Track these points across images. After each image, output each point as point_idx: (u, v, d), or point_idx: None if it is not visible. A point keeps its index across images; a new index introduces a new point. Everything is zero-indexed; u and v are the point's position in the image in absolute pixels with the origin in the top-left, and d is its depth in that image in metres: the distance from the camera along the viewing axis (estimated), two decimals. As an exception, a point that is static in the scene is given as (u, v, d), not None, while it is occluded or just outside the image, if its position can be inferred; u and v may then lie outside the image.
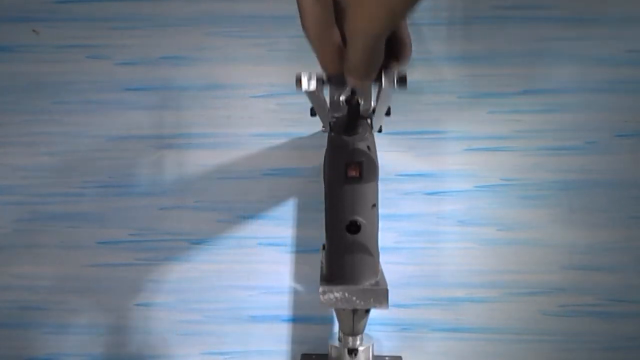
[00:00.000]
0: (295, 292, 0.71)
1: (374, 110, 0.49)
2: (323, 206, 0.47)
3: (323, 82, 0.40)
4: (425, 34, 0.67)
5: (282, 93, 0.69)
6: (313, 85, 0.39)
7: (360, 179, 0.46)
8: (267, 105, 0.69)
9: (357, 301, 0.47)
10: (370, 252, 0.47)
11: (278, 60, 0.69)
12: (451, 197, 0.69)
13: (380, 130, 0.59)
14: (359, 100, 0.44)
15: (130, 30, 0.68)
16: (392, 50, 0.41)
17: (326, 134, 0.49)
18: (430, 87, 0.68)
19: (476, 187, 0.69)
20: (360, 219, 0.46)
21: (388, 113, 0.53)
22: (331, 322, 0.71)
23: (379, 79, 0.40)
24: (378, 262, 0.49)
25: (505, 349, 0.71)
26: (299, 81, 0.40)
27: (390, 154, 0.68)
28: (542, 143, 0.68)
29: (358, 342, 0.54)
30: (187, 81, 0.68)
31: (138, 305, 0.72)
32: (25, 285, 0.71)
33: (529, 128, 0.68)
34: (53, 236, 0.71)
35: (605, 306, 0.70)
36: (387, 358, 0.67)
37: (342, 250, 0.47)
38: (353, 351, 0.54)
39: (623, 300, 0.70)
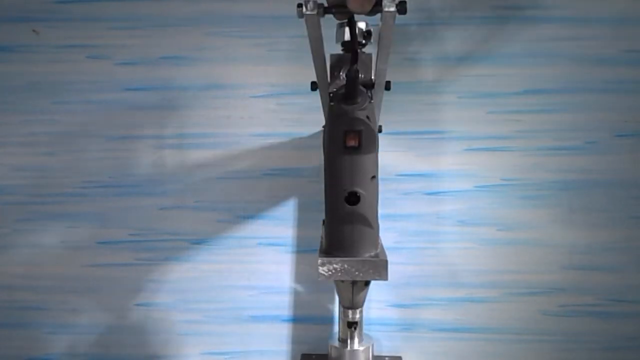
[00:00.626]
0: (295, 292, 0.71)
1: (373, 84, 0.49)
2: (323, 207, 0.47)
3: (324, 10, 0.40)
4: (426, 34, 0.67)
5: (282, 93, 0.69)
6: (312, 7, 0.40)
7: (359, 148, 0.45)
8: (267, 105, 0.69)
9: (356, 273, 0.46)
10: (369, 223, 0.46)
11: (278, 60, 0.68)
12: (451, 197, 0.69)
13: (380, 130, 0.59)
14: (358, 71, 0.45)
15: (130, 30, 0.68)
16: None
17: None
18: (430, 87, 0.68)
19: (476, 187, 0.69)
20: (359, 189, 0.45)
21: (388, 87, 0.53)
22: (331, 322, 0.71)
23: (378, 4, 0.39)
24: (378, 234, 0.48)
25: (505, 349, 0.71)
26: (300, 6, 0.40)
27: (390, 154, 0.68)
28: (542, 143, 0.68)
29: (357, 316, 0.53)
30: (187, 81, 0.68)
31: (138, 305, 0.72)
32: (26, 285, 0.71)
33: (529, 128, 0.68)
34: (53, 236, 0.71)
35: (605, 306, 0.70)
36: (387, 358, 0.67)
37: (342, 221, 0.46)
38: (353, 324, 0.53)
39: (623, 300, 0.70)
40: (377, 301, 0.70)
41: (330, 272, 0.46)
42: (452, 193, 0.69)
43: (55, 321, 0.72)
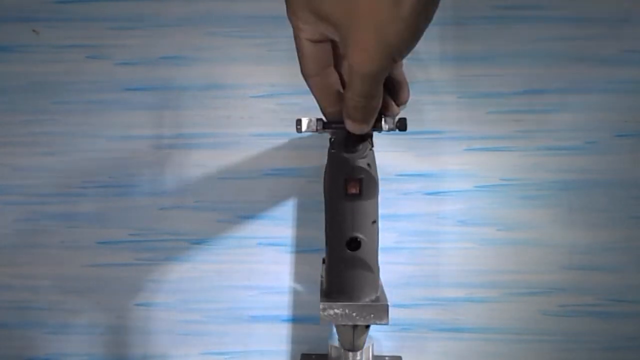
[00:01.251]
0: (295, 292, 0.71)
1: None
2: (323, 207, 0.47)
3: (323, 126, 0.41)
4: (425, 34, 0.67)
5: (282, 93, 0.69)
6: (313, 128, 0.41)
7: (360, 195, 0.45)
8: (267, 105, 0.69)
9: (357, 317, 0.47)
10: (370, 268, 0.47)
11: (278, 60, 0.69)
12: (451, 197, 0.69)
13: (380, 130, 0.59)
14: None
15: (130, 30, 0.68)
16: (390, 94, 0.41)
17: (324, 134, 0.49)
18: (430, 87, 0.68)
19: (476, 187, 0.69)
20: (360, 235, 0.46)
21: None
22: (331, 322, 0.71)
23: (378, 123, 0.40)
24: (378, 277, 0.49)
25: (505, 349, 0.71)
26: (299, 124, 0.41)
27: (390, 154, 0.68)
28: (542, 143, 0.68)
29: (359, 358, 0.54)
30: (187, 81, 0.68)
31: (138, 305, 0.72)
32: (25, 285, 0.71)
33: (528, 128, 0.68)
34: (53, 236, 0.71)
35: (605, 306, 0.70)
36: (387, 358, 0.67)
37: (342, 266, 0.47)
38: None
39: (623, 300, 0.70)
40: (377, 301, 0.70)
41: (331, 316, 0.47)
42: (452, 193, 0.69)
43: (55, 321, 0.72)
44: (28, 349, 0.72)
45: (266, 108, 0.69)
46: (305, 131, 0.42)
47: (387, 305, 0.47)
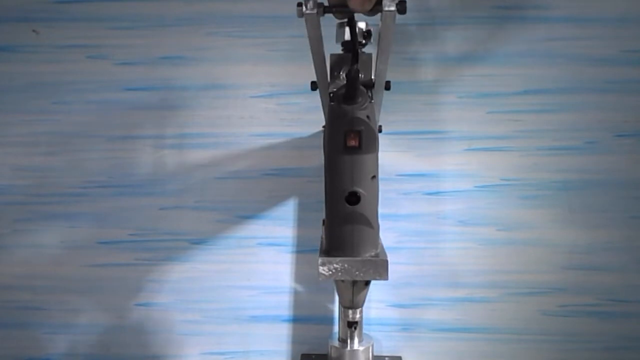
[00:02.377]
0: (295, 292, 0.71)
1: (373, 84, 0.49)
2: (322, 207, 0.47)
3: (324, 9, 0.40)
4: (426, 34, 0.67)
5: (282, 93, 0.69)
6: (312, 6, 0.40)
7: (359, 148, 0.45)
8: (267, 105, 0.69)
9: (357, 272, 0.46)
10: (370, 223, 0.46)
11: (278, 60, 0.69)
12: (451, 197, 0.69)
13: (380, 130, 0.59)
14: (359, 70, 0.45)
15: (130, 30, 0.68)
16: None
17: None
18: (430, 87, 0.68)
19: (476, 187, 0.69)
20: (360, 189, 0.45)
21: (388, 87, 0.53)
22: (331, 322, 0.71)
23: (378, 6, 0.39)
24: (378, 234, 0.48)
25: (505, 349, 0.71)
26: (300, 5, 0.40)
27: (390, 154, 0.68)
28: (542, 143, 0.68)
29: (358, 315, 0.53)
30: (187, 81, 0.68)
31: (138, 305, 0.72)
32: (25, 285, 0.71)
33: (528, 128, 0.68)
34: (53, 236, 0.71)
35: (605, 306, 0.70)
36: (387, 358, 0.67)
37: (342, 221, 0.46)
38: (353, 324, 0.53)
39: (623, 300, 0.70)
40: (377, 301, 0.70)
41: (330, 272, 0.46)
42: (452, 193, 0.69)
43: (55, 321, 0.72)
44: (28, 349, 0.72)
45: (266, 108, 0.69)
46: (308, 12, 0.41)
47: (387, 261, 0.46)
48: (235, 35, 0.69)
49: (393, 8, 0.39)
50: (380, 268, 0.46)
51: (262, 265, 0.70)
